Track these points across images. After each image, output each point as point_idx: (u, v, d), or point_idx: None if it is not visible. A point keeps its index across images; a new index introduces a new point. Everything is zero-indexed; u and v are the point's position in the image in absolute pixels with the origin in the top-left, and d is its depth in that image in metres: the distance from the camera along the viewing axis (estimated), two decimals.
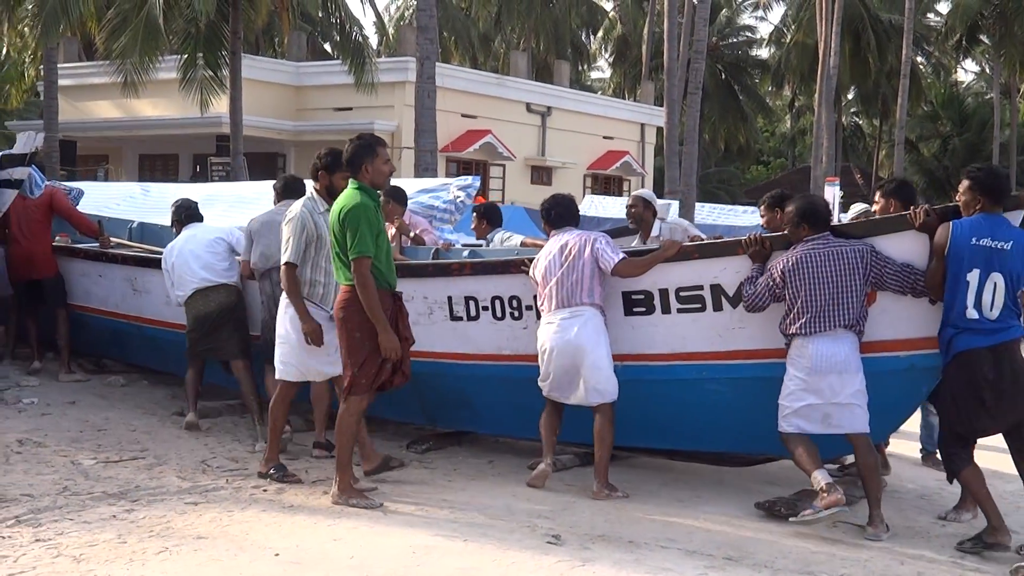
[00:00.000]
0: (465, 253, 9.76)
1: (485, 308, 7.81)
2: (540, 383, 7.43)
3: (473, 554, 5.87)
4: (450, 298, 7.93)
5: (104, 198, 13.65)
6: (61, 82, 30.28)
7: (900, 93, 42.39)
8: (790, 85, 57.55)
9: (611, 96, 54.69)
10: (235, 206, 12.28)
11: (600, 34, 61.85)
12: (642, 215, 9.36)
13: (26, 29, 33.82)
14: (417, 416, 8.73)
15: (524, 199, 31.51)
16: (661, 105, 37.88)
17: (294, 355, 7.42)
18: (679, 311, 7.21)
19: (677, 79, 31.81)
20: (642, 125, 44.35)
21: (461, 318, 7.85)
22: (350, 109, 33.59)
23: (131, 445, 8.03)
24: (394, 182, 10.44)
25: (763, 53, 61.11)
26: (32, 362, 10.17)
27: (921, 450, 9.02)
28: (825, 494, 6.45)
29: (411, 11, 57.52)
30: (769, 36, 60.12)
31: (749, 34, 62.50)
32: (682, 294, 7.18)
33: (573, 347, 7.19)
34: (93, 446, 7.91)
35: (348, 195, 6.79)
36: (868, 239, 6.74)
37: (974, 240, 6.36)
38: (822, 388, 6.63)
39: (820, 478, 6.55)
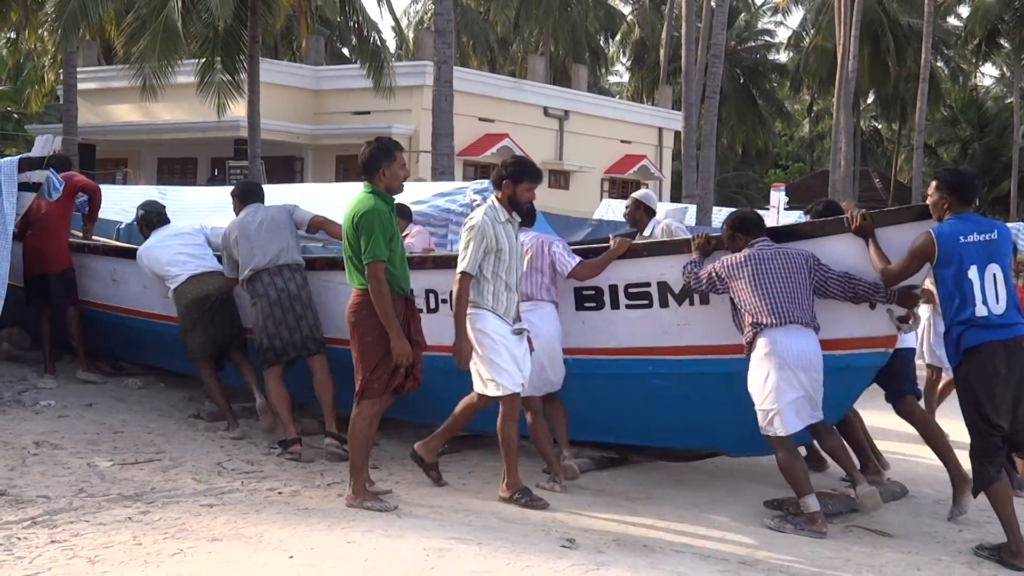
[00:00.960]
0: None
1: (444, 301, 7.92)
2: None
3: (487, 557, 5.87)
4: (425, 291, 8.03)
5: (122, 201, 13.69)
6: (81, 86, 30.41)
7: (919, 97, 42.21)
8: (808, 89, 57.41)
9: (629, 100, 54.64)
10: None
11: (618, 38, 61.77)
12: (634, 214, 9.80)
13: (46, 33, 33.99)
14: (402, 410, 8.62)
15: (541, 203, 31.25)
16: (679, 109, 37.86)
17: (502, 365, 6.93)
18: (627, 307, 7.45)
19: (695, 83, 31.78)
20: (660, 129, 44.29)
21: (421, 310, 7.66)
22: (368, 113, 33.65)
23: (147, 447, 8.04)
24: (410, 187, 10.46)
25: (781, 57, 61.03)
26: (44, 374, 10.05)
27: None
28: (811, 524, 6.65)
29: (429, 15, 57.65)
30: (788, 40, 60.00)
31: (768, 38, 62.34)
32: (631, 290, 7.43)
33: (538, 337, 7.38)
34: (109, 448, 7.93)
35: (361, 199, 6.78)
36: (808, 241, 6.98)
37: (962, 239, 6.42)
38: (800, 381, 6.74)
39: (812, 504, 6.71)
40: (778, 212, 11.78)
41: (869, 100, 57.03)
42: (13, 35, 46.20)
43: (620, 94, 63.15)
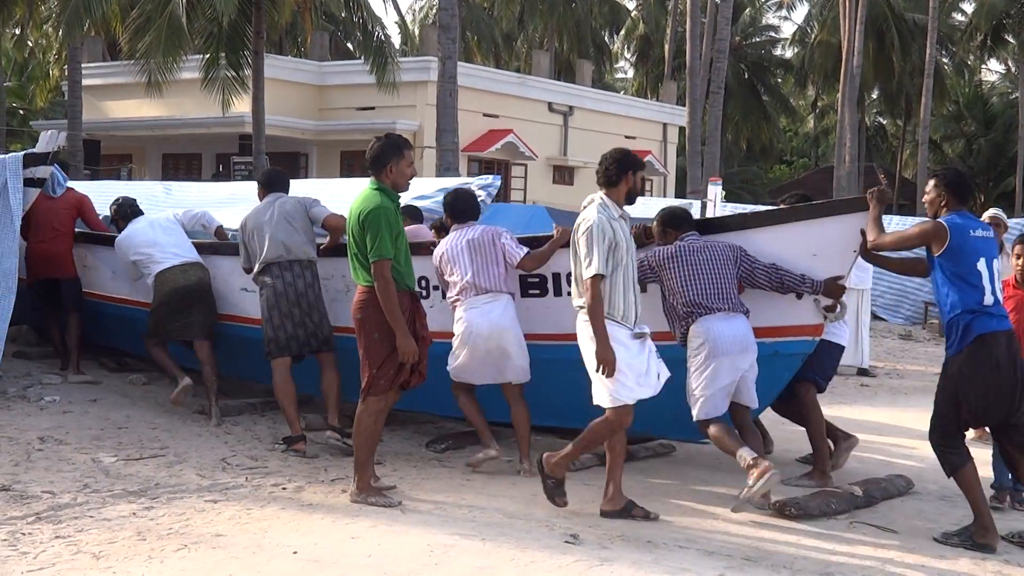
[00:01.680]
0: None
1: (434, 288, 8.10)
2: (454, 367, 7.70)
3: (491, 553, 5.87)
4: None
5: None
6: (85, 82, 30.44)
7: (924, 93, 42.17)
8: (813, 84, 57.33)
9: (633, 96, 54.60)
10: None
11: (622, 34, 61.74)
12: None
13: (50, 29, 34.02)
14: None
15: (546, 199, 31.47)
16: (683, 105, 37.82)
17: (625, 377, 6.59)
18: (570, 294, 7.41)
19: (700, 78, 31.78)
20: (664, 125, 44.26)
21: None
22: (372, 108, 33.66)
23: (152, 443, 8.06)
24: (415, 182, 10.45)
25: (786, 53, 60.93)
26: (64, 370, 10.09)
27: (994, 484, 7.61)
28: (754, 468, 6.63)
29: (434, 10, 57.66)
30: (792, 35, 59.92)
31: (772, 33, 62.36)
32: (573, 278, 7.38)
33: (499, 329, 7.56)
34: (114, 444, 7.94)
35: (367, 196, 6.77)
36: (736, 233, 7.33)
37: (972, 232, 6.58)
38: (737, 366, 6.98)
39: (745, 455, 6.74)
40: (715, 205, 12.01)
41: (874, 96, 56.92)
42: (18, 31, 46.30)
43: (624, 90, 63.07)
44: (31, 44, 48.79)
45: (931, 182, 6.79)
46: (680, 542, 6.28)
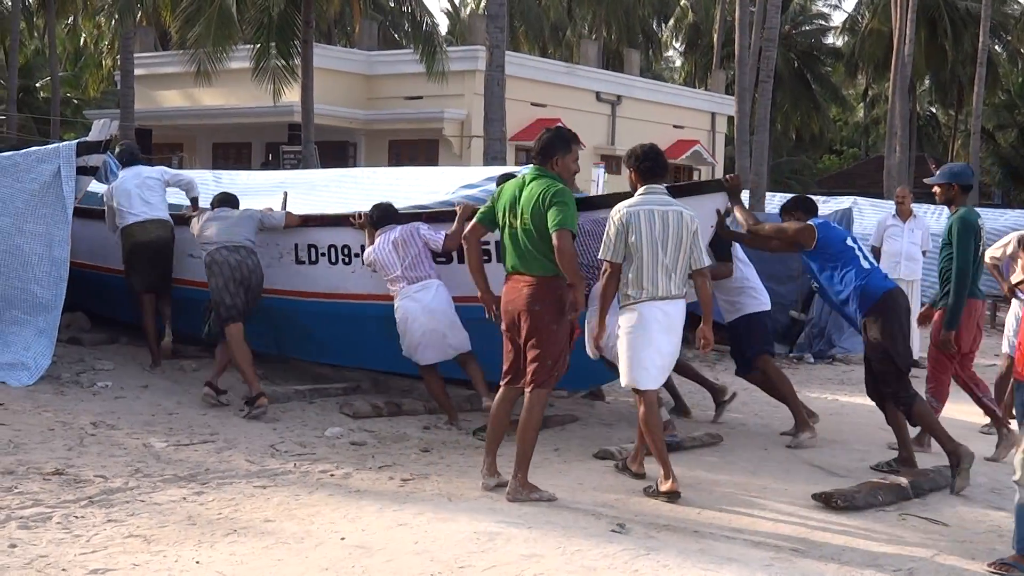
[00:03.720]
0: None
1: (323, 254, 9.27)
2: (408, 351, 8.65)
3: (537, 541, 5.88)
4: (296, 245, 9.39)
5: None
6: (137, 71, 30.68)
7: (976, 82, 41.58)
8: (863, 73, 56.72)
9: (682, 85, 54.31)
10: (306, 194, 12.39)
11: (671, 22, 61.39)
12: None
13: (103, 19, 34.35)
14: (270, 346, 10.05)
15: (593, 189, 31.38)
16: (732, 94, 37.57)
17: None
18: (460, 261, 8.34)
19: (748, 67, 31.51)
20: (713, 114, 43.99)
21: (304, 262, 9.35)
22: (420, 98, 33.68)
23: (201, 429, 8.14)
24: (461, 171, 10.48)
25: (836, 41, 60.35)
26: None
27: None
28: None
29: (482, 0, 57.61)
30: (843, 24, 59.32)
31: (822, 22, 61.66)
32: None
33: (431, 310, 8.49)
34: (165, 429, 8.03)
35: (543, 180, 6.63)
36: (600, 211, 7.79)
37: (831, 225, 8.19)
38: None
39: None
40: (598, 187, 12.13)
41: (925, 85, 56.28)
42: (71, 21, 46.82)
43: (673, 79, 62.76)
44: (84, 34, 49.36)
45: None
46: (727, 532, 6.27)
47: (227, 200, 9.66)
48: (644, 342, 6.86)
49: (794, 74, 55.47)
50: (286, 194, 10.37)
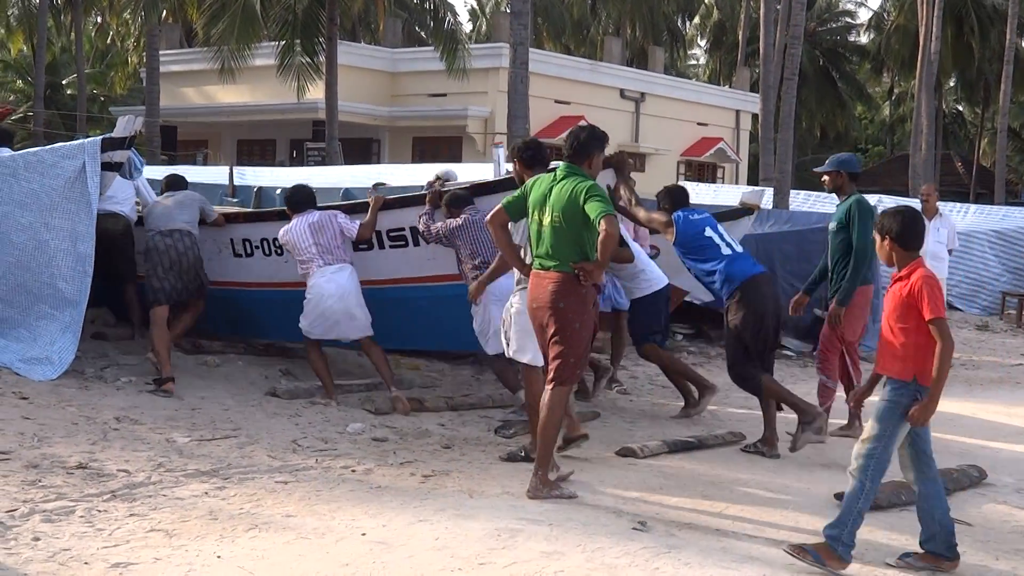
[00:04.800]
0: None
1: (257, 247, 9.94)
2: (310, 327, 9.12)
3: (558, 538, 5.88)
4: (232, 240, 10.06)
5: (203, 179, 13.90)
6: (163, 68, 30.86)
7: (1003, 79, 41.29)
8: (889, 71, 56.42)
9: (706, 82, 54.18)
10: (331, 191, 12.50)
11: (696, 19, 61.25)
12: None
13: (128, 16, 34.50)
14: (226, 328, 10.87)
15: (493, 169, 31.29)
16: (757, 91, 37.44)
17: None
18: (391, 247, 9.31)
19: (773, 65, 31.42)
20: (737, 111, 43.91)
21: (241, 255, 10.07)
22: (444, 95, 33.77)
23: (224, 424, 8.16)
24: (482, 168, 10.55)
25: (862, 38, 60.04)
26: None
27: None
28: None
29: None
30: (868, 21, 59.01)
31: (848, 19, 61.41)
32: (392, 234, 9.27)
33: (344, 291, 8.99)
34: (187, 424, 8.06)
35: (575, 177, 6.64)
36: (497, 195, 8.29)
37: (691, 216, 8.57)
38: (498, 312, 7.97)
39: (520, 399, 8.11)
40: (498, 165, 12.34)
41: (951, 82, 55.93)
42: (99, 19, 47.06)
43: (697, 76, 62.59)
44: (111, 32, 49.62)
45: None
46: (749, 531, 6.25)
47: (175, 183, 10.30)
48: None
49: (819, 71, 55.25)
50: (375, 186, 10.81)
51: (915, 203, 17.42)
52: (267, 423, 8.28)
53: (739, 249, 8.53)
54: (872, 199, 20.77)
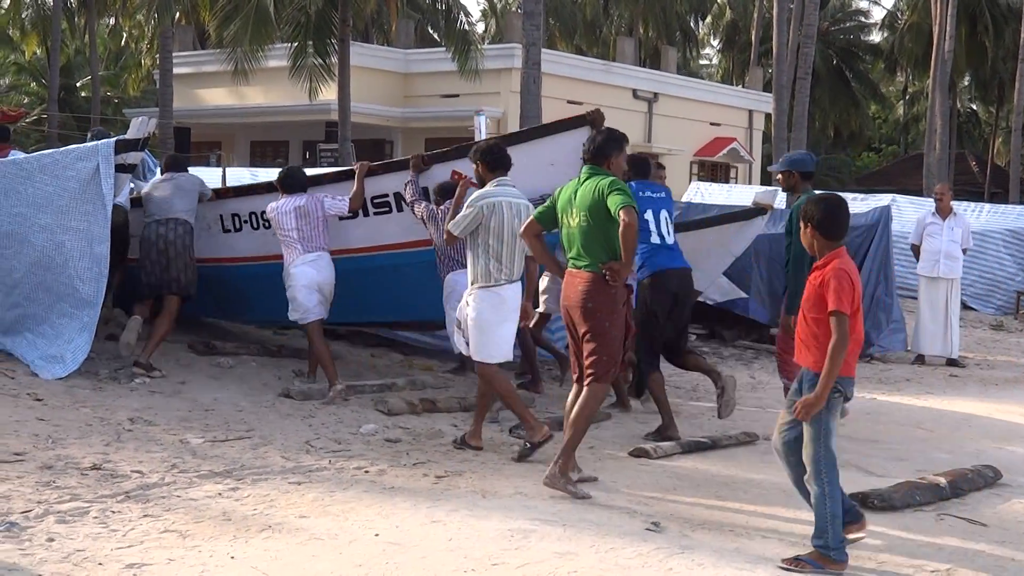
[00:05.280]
0: None
1: (245, 221, 10.12)
2: (304, 311, 9.27)
3: (571, 539, 5.87)
4: (221, 216, 10.23)
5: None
6: (176, 70, 30.93)
7: (1018, 78, 41.11)
8: (903, 70, 56.25)
9: (719, 82, 54.09)
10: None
11: (709, 19, 61.16)
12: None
13: (142, 18, 34.59)
14: (212, 311, 11.15)
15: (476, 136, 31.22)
16: (770, 91, 37.39)
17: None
18: (375, 214, 9.50)
19: (787, 64, 31.41)
20: (750, 111, 43.81)
21: (230, 230, 10.23)
22: (457, 96, 33.75)
23: (237, 425, 8.18)
24: None
25: (875, 37, 59.90)
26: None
27: None
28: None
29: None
30: (882, 20, 58.87)
31: (862, 18, 61.26)
32: (375, 200, 9.45)
33: (330, 279, 9.30)
34: (201, 425, 8.07)
35: (600, 176, 6.80)
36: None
37: (641, 193, 8.51)
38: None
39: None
40: (479, 133, 12.61)
41: (966, 81, 55.74)
42: (112, 21, 47.20)
43: (710, 76, 62.49)
44: (124, 34, 49.76)
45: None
46: (763, 531, 6.24)
47: (174, 164, 10.37)
48: (501, 319, 7.58)
49: (832, 71, 55.13)
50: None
51: (929, 203, 17.38)
52: (280, 424, 8.30)
53: (670, 242, 8.77)
54: (886, 199, 20.77)
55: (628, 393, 9.58)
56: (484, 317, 7.50)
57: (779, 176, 9.02)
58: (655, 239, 8.68)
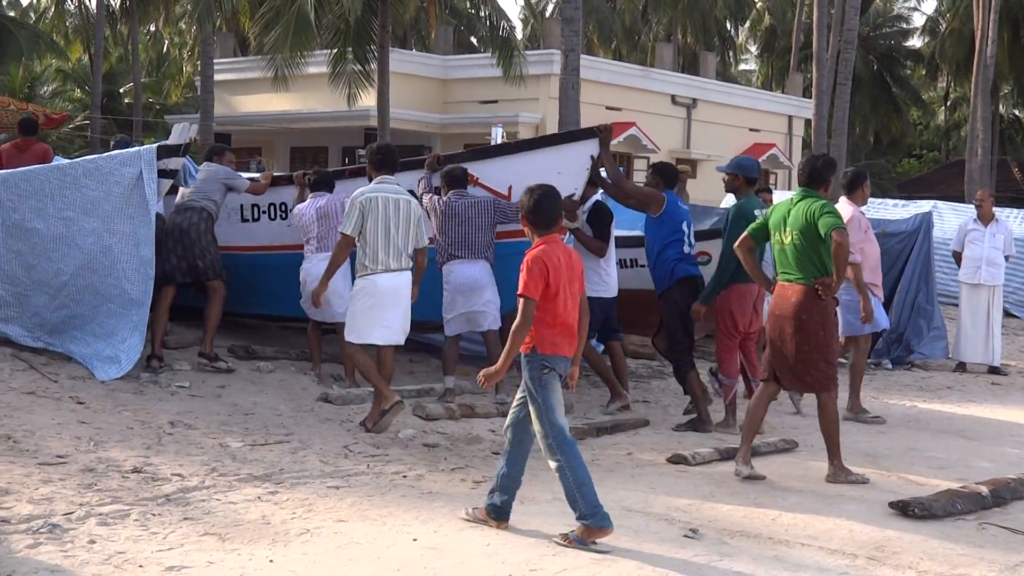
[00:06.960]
0: None
1: (264, 212, 10.50)
2: (309, 308, 9.63)
3: (609, 545, 5.85)
4: (241, 205, 10.54)
5: None
6: (217, 77, 31.12)
7: None
8: (945, 76, 55.77)
9: (759, 88, 53.84)
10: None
11: (748, 25, 60.91)
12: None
13: (183, 25, 34.87)
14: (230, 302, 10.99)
15: None
16: (810, 97, 37.18)
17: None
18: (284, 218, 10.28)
19: (827, 70, 31.22)
20: (790, 117, 43.56)
21: (248, 220, 10.58)
22: (495, 102, 33.76)
23: (277, 429, 8.22)
24: None
25: (916, 43, 59.42)
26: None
27: None
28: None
29: (552, 4, 57.54)
30: (923, 25, 58.41)
31: (903, 24, 60.80)
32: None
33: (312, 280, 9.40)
34: (241, 429, 8.12)
35: (812, 199, 7.49)
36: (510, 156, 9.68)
37: (678, 204, 9.39)
38: (462, 300, 9.20)
39: (448, 383, 9.37)
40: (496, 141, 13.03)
41: (1008, 87, 55.16)
42: (153, 28, 47.62)
43: (749, 82, 62.23)
44: (166, 41, 50.21)
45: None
46: (801, 539, 6.20)
47: (212, 152, 10.57)
48: (375, 305, 8.18)
49: (873, 76, 54.73)
50: None
51: (971, 209, 17.22)
52: (319, 428, 8.33)
53: (693, 252, 9.39)
54: (927, 205, 20.57)
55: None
56: (356, 303, 8.27)
57: (725, 177, 9.29)
58: (686, 248, 9.27)
